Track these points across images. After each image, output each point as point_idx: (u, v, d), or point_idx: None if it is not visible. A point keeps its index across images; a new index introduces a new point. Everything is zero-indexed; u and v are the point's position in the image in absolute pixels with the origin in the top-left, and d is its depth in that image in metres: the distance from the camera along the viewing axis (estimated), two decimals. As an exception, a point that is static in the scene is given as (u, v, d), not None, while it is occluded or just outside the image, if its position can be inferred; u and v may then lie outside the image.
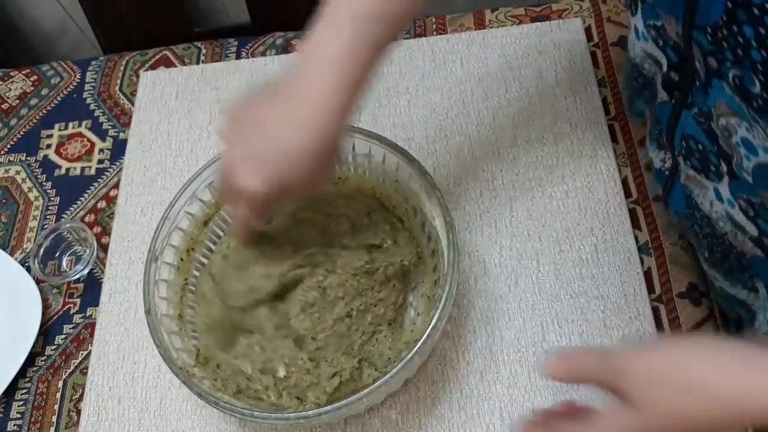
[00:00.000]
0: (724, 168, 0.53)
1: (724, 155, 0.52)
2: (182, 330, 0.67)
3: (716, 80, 0.48)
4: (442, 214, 0.63)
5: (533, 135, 0.80)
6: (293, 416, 0.58)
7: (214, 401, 0.59)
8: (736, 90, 0.45)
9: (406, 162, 0.67)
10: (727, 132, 0.50)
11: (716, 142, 0.52)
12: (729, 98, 0.47)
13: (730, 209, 0.55)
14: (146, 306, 0.64)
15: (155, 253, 0.66)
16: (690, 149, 0.56)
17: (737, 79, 0.45)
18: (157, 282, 0.66)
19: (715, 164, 0.54)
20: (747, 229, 0.54)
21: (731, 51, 0.44)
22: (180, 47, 0.95)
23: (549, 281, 0.72)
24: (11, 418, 0.73)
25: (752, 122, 0.46)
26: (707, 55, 0.47)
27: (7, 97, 0.94)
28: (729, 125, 0.49)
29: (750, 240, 0.55)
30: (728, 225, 0.57)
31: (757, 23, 0.40)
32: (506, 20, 0.90)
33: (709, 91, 0.50)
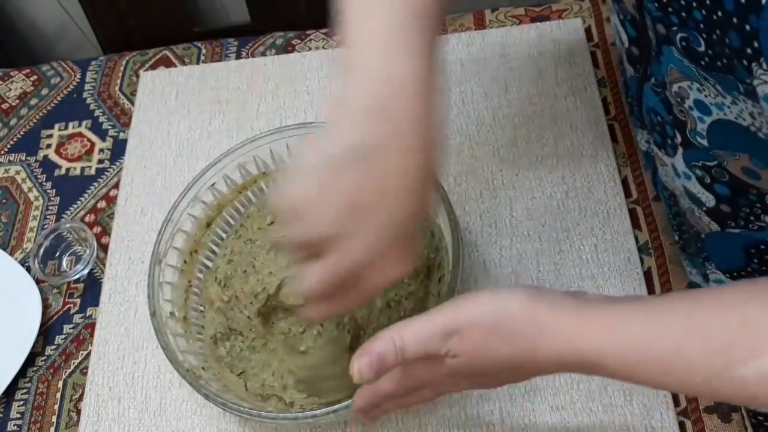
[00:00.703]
0: (678, 138, 0.54)
1: (679, 124, 0.53)
2: (187, 332, 0.67)
3: (665, 47, 0.49)
4: (446, 212, 0.63)
5: (533, 135, 0.80)
6: (301, 416, 0.58)
7: (222, 402, 0.59)
8: (684, 52, 0.46)
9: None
10: (680, 98, 0.51)
11: (671, 112, 0.53)
12: (678, 62, 0.48)
13: (686, 182, 0.56)
14: (151, 308, 0.64)
15: (159, 256, 0.66)
16: (653, 123, 0.57)
17: (684, 41, 0.45)
18: (161, 284, 0.66)
19: (671, 136, 0.55)
20: (703, 200, 0.55)
21: (676, 14, 0.45)
22: (180, 47, 0.95)
23: (549, 281, 0.72)
24: (11, 418, 0.73)
25: (702, 81, 0.47)
26: (656, 22, 0.48)
27: (7, 97, 0.94)
28: (681, 90, 0.50)
29: (706, 213, 0.56)
30: (686, 201, 0.57)
31: None
32: (506, 20, 0.90)
33: (660, 59, 0.51)
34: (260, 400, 0.64)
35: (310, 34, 0.93)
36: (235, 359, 0.67)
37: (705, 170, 0.53)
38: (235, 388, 0.65)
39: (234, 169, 0.71)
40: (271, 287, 0.67)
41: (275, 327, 0.67)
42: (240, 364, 0.67)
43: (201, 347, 0.67)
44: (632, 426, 0.64)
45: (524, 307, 0.45)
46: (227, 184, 0.72)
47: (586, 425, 0.64)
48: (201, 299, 0.70)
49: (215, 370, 0.66)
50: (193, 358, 0.65)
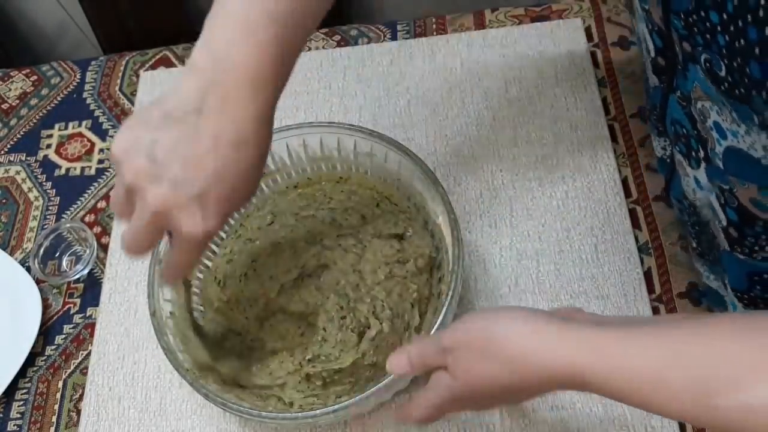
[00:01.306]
0: (701, 153, 0.54)
1: (702, 140, 0.53)
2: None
3: (691, 64, 0.49)
4: (445, 211, 0.63)
5: (533, 135, 0.80)
6: (301, 416, 0.58)
7: (222, 402, 0.59)
8: (707, 73, 0.46)
9: (408, 160, 0.67)
10: (702, 116, 0.51)
11: (695, 126, 0.53)
12: (702, 81, 0.48)
13: (710, 196, 0.56)
14: (151, 308, 0.64)
15: (159, 256, 0.66)
16: (677, 134, 0.57)
17: (707, 62, 0.46)
18: (161, 285, 0.66)
19: (695, 149, 0.55)
20: (720, 217, 0.55)
21: (701, 35, 0.45)
22: (180, 47, 0.95)
23: (549, 281, 0.72)
24: (11, 418, 0.73)
25: (721, 105, 0.47)
26: (682, 39, 0.48)
27: (7, 97, 0.94)
28: (704, 109, 0.50)
29: (721, 230, 0.56)
30: (709, 212, 0.57)
31: (721, 9, 0.41)
32: (506, 20, 0.90)
33: (687, 75, 0.51)
34: (260, 400, 0.64)
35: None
36: (234, 360, 0.67)
37: (721, 191, 0.53)
38: (234, 389, 0.65)
39: None
40: (273, 292, 0.67)
41: (274, 330, 0.67)
42: (238, 364, 0.67)
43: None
44: (632, 426, 0.64)
45: (512, 329, 0.46)
46: None
47: (586, 425, 0.64)
48: (201, 299, 0.70)
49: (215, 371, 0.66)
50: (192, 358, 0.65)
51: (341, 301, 0.66)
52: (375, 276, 0.66)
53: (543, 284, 0.71)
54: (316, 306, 0.67)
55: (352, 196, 0.71)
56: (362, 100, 0.85)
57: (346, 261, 0.68)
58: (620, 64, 0.84)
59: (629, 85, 0.82)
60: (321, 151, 0.71)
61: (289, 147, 0.71)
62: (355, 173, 0.72)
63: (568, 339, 0.44)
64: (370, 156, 0.69)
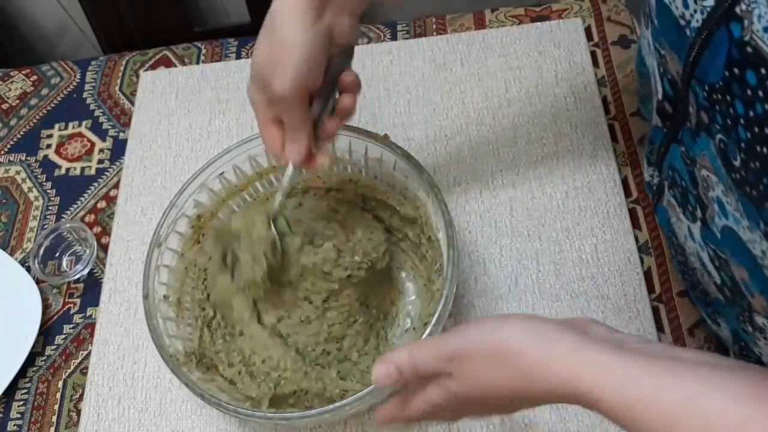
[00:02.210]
0: (699, 214, 0.52)
1: (701, 203, 0.51)
2: (179, 316, 0.67)
3: (704, 134, 0.47)
4: (441, 211, 0.63)
5: (533, 135, 0.80)
6: (296, 416, 0.58)
7: (216, 402, 0.59)
8: (719, 153, 0.44)
9: (404, 160, 0.67)
10: (706, 184, 0.49)
11: (696, 188, 0.52)
12: (713, 157, 0.46)
13: (700, 251, 0.54)
14: (144, 290, 0.64)
15: (159, 239, 0.67)
16: (675, 181, 0.56)
17: (722, 144, 0.44)
18: (158, 267, 0.66)
19: (692, 206, 0.54)
20: (713, 275, 0.54)
21: (722, 117, 0.43)
22: (180, 47, 0.95)
23: (549, 281, 0.72)
24: (11, 418, 0.73)
25: (728, 189, 0.46)
26: (701, 109, 0.46)
27: (7, 97, 0.95)
28: (709, 179, 0.48)
29: (715, 286, 0.55)
30: (698, 263, 0.56)
31: (750, 104, 0.39)
32: (506, 20, 0.90)
33: (696, 140, 0.49)
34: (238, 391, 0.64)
35: (310, 34, 0.93)
36: (219, 347, 0.67)
37: (716, 255, 0.52)
38: (216, 377, 0.65)
39: (244, 160, 0.71)
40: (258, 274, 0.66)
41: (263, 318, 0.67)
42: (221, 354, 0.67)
43: (191, 333, 0.67)
44: (632, 426, 0.64)
45: (525, 339, 0.45)
46: (237, 174, 0.72)
47: (586, 425, 0.64)
48: (197, 284, 0.70)
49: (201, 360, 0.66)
50: (180, 344, 0.65)
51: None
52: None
53: (543, 284, 0.71)
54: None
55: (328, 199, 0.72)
56: (362, 100, 0.85)
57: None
58: (620, 63, 0.84)
59: (629, 85, 0.82)
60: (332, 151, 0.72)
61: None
62: (348, 173, 0.72)
63: (588, 360, 0.42)
64: (365, 157, 0.69)
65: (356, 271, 0.65)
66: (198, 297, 0.70)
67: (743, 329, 0.53)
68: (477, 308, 0.71)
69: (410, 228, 0.71)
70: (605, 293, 0.70)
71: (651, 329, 0.68)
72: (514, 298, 0.71)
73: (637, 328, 0.68)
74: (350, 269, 0.65)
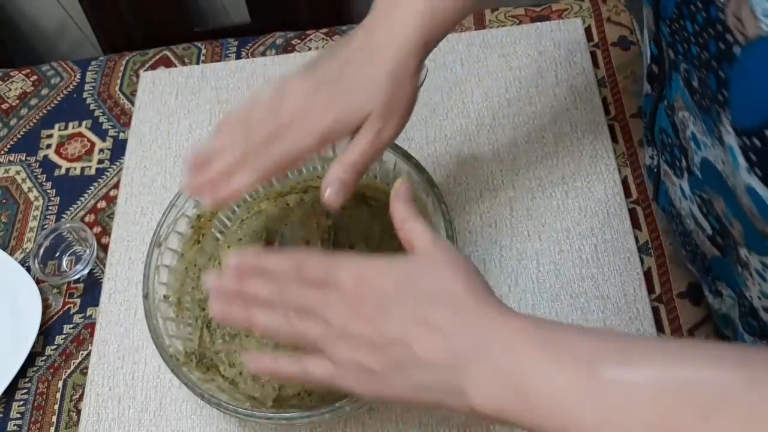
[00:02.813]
0: (684, 163, 0.53)
1: (683, 149, 0.52)
2: (179, 316, 0.67)
3: (674, 72, 0.49)
4: (441, 211, 0.63)
5: (533, 135, 0.80)
6: (296, 416, 0.58)
7: (216, 402, 0.59)
8: (685, 83, 0.46)
9: (404, 160, 0.67)
10: (683, 125, 0.50)
11: (678, 136, 0.53)
12: (682, 91, 0.48)
13: (692, 207, 0.55)
14: (144, 290, 0.64)
15: (159, 239, 0.67)
16: (664, 143, 0.57)
17: (686, 72, 0.45)
18: (158, 267, 0.66)
19: (678, 159, 0.54)
20: (704, 227, 0.55)
21: (680, 44, 0.45)
22: (180, 47, 0.95)
23: (549, 281, 0.72)
24: (11, 418, 0.73)
25: (695, 116, 0.47)
26: (668, 47, 0.48)
27: (7, 97, 0.95)
28: (684, 119, 0.50)
29: (708, 239, 0.55)
30: (692, 223, 0.57)
31: (694, 20, 0.41)
32: (506, 20, 0.90)
33: (672, 84, 0.51)
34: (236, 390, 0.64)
35: (310, 34, 0.93)
36: (219, 347, 0.68)
37: (702, 200, 0.53)
38: (217, 377, 0.65)
39: None
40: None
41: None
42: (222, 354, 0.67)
43: (191, 333, 0.68)
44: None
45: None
46: None
47: None
48: (197, 284, 0.70)
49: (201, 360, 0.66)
50: (180, 344, 0.65)
51: None
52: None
53: (543, 284, 0.71)
54: None
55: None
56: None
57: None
58: (620, 64, 0.84)
59: (629, 85, 0.82)
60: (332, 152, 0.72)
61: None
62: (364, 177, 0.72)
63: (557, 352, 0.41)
64: (379, 162, 0.70)
65: None
66: (198, 297, 0.70)
67: (738, 276, 0.53)
68: (477, 308, 0.71)
69: None
70: (605, 293, 0.70)
71: (651, 329, 0.68)
72: (514, 298, 0.71)
73: (637, 328, 0.68)
74: None
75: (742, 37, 0.37)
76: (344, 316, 0.45)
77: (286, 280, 0.47)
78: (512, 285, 0.72)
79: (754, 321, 0.53)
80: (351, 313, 0.45)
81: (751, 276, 0.49)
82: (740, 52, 0.37)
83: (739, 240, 0.48)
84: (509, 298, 0.71)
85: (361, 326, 0.44)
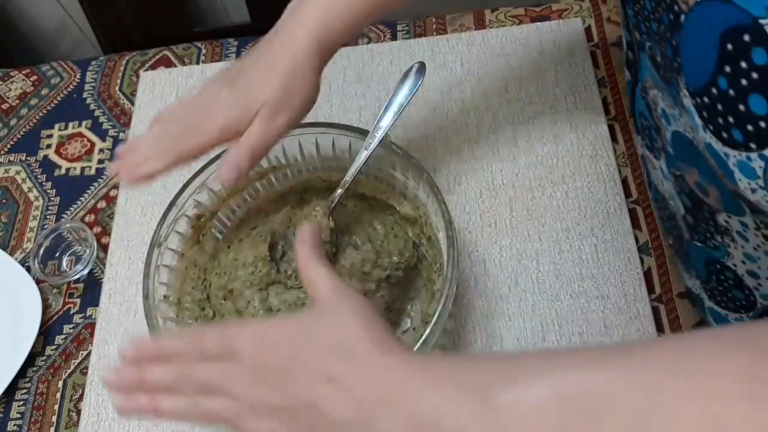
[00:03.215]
0: (659, 143, 0.55)
1: (657, 129, 0.54)
2: (179, 316, 0.67)
3: (642, 53, 0.51)
4: (441, 211, 0.63)
5: (533, 135, 0.80)
6: None
7: None
8: (651, 60, 0.48)
9: (404, 160, 0.67)
10: (654, 104, 0.52)
11: (652, 116, 0.54)
12: (649, 69, 0.50)
13: (671, 187, 0.56)
14: (144, 290, 0.64)
15: (159, 239, 0.67)
16: (643, 126, 0.58)
17: (650, 49, 0.48)
18: (158, 267, 0.66)
19: (654, 140, 0.56)
20: (680, 206, 0.56)
21: (643, 23, 0.48)
22: (180, 47, 0.95)
23: (549, 281, 0.72)
24: (11, 418, 0.73)
25: (663, 91, 0.49)
26: (634, 28, 0.51)
27: (7, 97, 0.95)
28: (654, 97, 0.52)
29: (684, 221, 0.56)
30: (673, 203, 0.58)
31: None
32: (506, 20, 0.90)
33: (641, 65, 0.52)
34: None
35: (310, 34, 0.93)
36: None
37: (675, 178, 0.54)
38: None
39: None
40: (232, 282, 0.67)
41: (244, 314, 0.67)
42: None
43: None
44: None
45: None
46: None
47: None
48: (197, 284, 0.70)
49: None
50: None
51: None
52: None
53: (543, 284, 0.71)
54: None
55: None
56: (362, 100, 0.85)
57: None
58: (620, 64, 0.84)
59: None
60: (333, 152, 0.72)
61: (301, 145, 0.71)
62: (364, 177, 0.72)
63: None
64: (379, 162, 0.70)
65: (395, 272, 0.66)
66: (198, 297, 0.70)
67: (714, 249, 0.53)
68: (477, 308, 0.71)
69: (410, 228, 0.71)
70: (605, 293, 0.70)
71: (651, 329, 0.68)
72: (514, 298, 0.71)
73: (637, 328, 0.68)
74: (389, 269, 0.66)
75: (685, 6, 0.40)
76: (248, 386, 0.43)
77: (187, 359, 0.46)
78: (512, 285, 0.72)
79: (740, 292, 0.54)
80: (255, 382, 0.43)
81: (733, 241, 0.50)
82: (684, 19, 0.41)
83: (717, 206, 0.49)
84: (509, 298, 0.71)
85: (266, 395, 0.43)
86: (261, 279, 0.67)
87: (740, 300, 0.55)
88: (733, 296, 0.55)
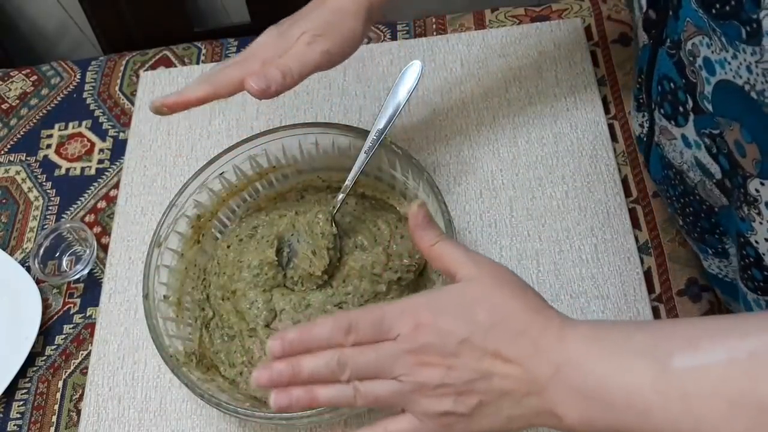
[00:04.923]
0: (690, 104, 0.53)
1: (690, 87, 0.52)
2: (179, 316, 0.67)
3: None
4: (441, 211, 0.63)
5: (533, 135, 0.80)
6: (296, 416, 0.58)
7: (216, 402, 0.59)
8: (698, 2, 0.46)
9: (404, 160, 0.67)
10: (692, 56, 0.50)
11: (684, 75, 0.52)
12: (694, 13, 0.47)
13: (697, 152, 0.55)
14: (144, 290, 0.64)
15: (159, 239, 0.67)
16: (664, 92, 0.57)
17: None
18: (158, 267, 0.66)
19: (683, 102, 0.54)
20: (712, 171, 0.54)
21: None
22: (180, 47, 0.95)
23: (549, 281, 0.72)
24: (11, 418, 0.73)
25: (711, 34, 0.46)
26: None
27: (7, 97, 0.95)
28: (693, 48, 0.50)
29: (716, 186, 0.55)
30: (697, 173, 0.57)
31: None
32: (506, 20, 0.90)
33: (679, 13, 0.50)
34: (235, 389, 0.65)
35: (310, 34, 0.93)
36: (218, 347, 0.68)
37: (712, 139, 0.52)
38: (216, 377, 0.65)
39: (244, 160, 0.72)
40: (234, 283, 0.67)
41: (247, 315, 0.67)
42: (221, 355, 0.67)
43: (191, 333, 0.68)
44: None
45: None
46: (236, 174, 0.72)
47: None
48: (197, 284, 0.70)
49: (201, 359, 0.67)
50: (180, 344, 0.65)
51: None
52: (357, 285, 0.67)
53: (543, 284, 0.71)
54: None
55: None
56: (362, 100, 0.85)
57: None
58: (621, 60, 0.84)
59: (629, 82, 0.82)
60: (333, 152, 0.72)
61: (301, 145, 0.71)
62: (364, 177, 0.72)
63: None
64: (379, 162, 0.70)
65: (406, 274, 0.66)
66: (198, 297, 0.70)
67: (743, 221, 0.53)
68: (477, 308, 0.71)
69: None
70: (605, 293, 0.70)
71: (651, 329, 0.68)
72: (514, 298, 0.71)
73: (637, 328, 0.68)
74: (400, 272, 0.66)
75: None
76: (412, 367, 0.44)
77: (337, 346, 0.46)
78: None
79: (759, 272, 0.53)
80: (418, 363, 0.44)
81: (759, 215, 0.49)
82: None
83: (752, 171, 0.48)
84: (509, 298, 0.71)
85: (433, 374, 0.44)
86: (266, 282, 0.67)
87: (758, 281, 0.54)
88: (753, 276, 0.55)
